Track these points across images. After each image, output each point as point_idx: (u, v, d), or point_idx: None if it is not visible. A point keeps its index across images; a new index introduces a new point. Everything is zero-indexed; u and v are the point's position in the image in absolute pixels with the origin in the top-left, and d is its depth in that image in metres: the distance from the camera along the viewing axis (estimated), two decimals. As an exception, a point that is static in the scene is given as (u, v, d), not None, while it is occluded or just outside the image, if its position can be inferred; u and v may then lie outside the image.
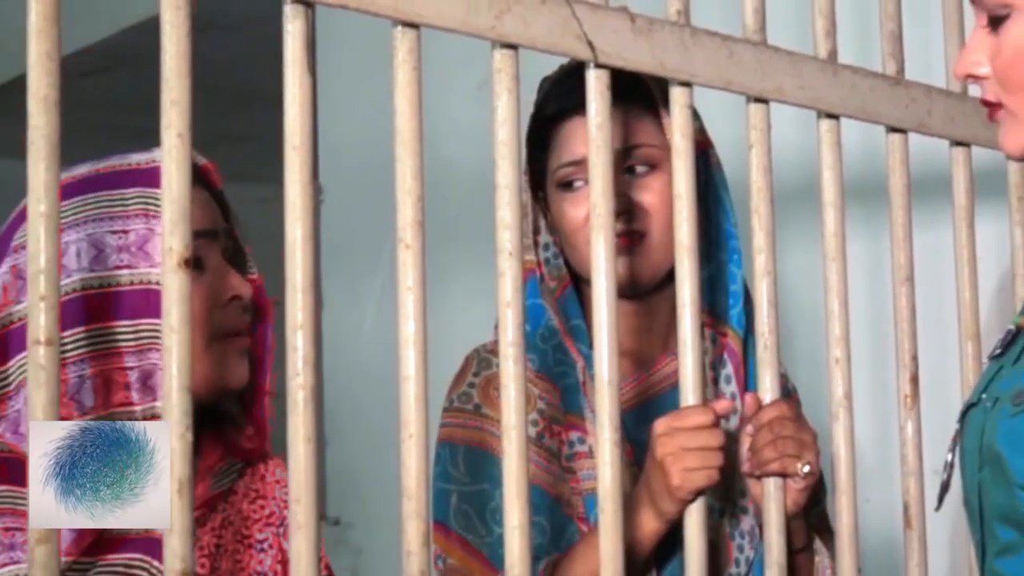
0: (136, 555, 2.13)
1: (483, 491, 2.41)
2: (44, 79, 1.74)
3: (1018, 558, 1.99)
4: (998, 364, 2.10)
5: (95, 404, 2.11)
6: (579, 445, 2.46)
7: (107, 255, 2.13)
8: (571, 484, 2.45)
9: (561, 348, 2.47)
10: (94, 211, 2.15)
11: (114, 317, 2.12)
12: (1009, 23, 1.99)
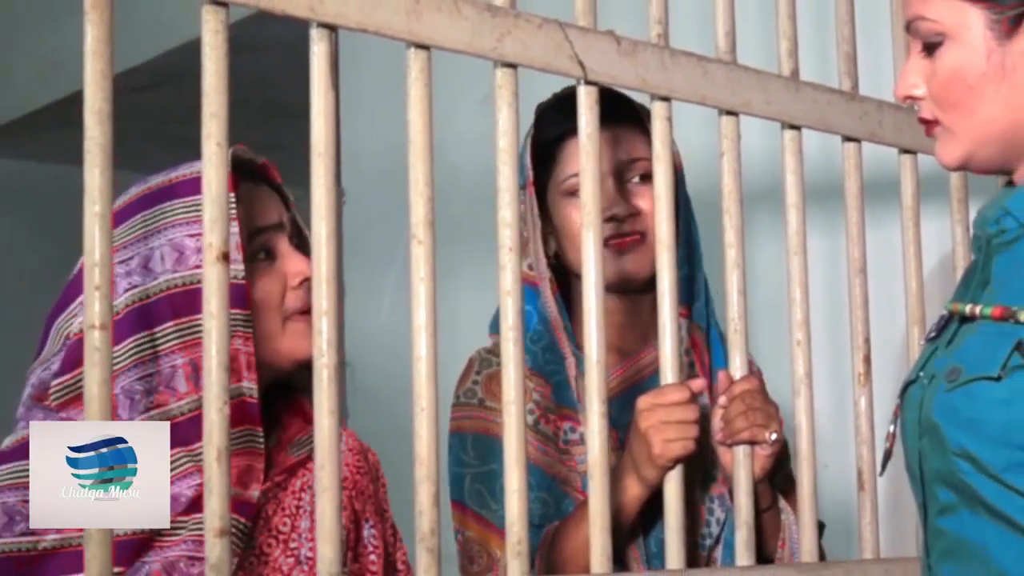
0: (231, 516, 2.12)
1: (492, 471, 2.41)
2: (99, 94, 1.74)
3: (956, 516, 1.99)
4: (933, 346, 2.10)
5: (188, 389, 2.10)
6: (571, 434, 2.47)
7: (187, 256, 2.12)
8: (568, 465, 2.45)
9: (551, 348, 2.47)
10: (173, 217, 2.14)
11: (198, 311, 2.11)
12: (942, 50, 1.99)
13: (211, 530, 1.78)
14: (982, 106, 1.97)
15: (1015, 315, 1.90)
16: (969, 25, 1.96)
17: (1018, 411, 1.88)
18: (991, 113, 1.97)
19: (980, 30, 1.96)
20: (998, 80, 1.96)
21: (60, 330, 2.15)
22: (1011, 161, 2.02)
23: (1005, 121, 1.97)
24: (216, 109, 1.81)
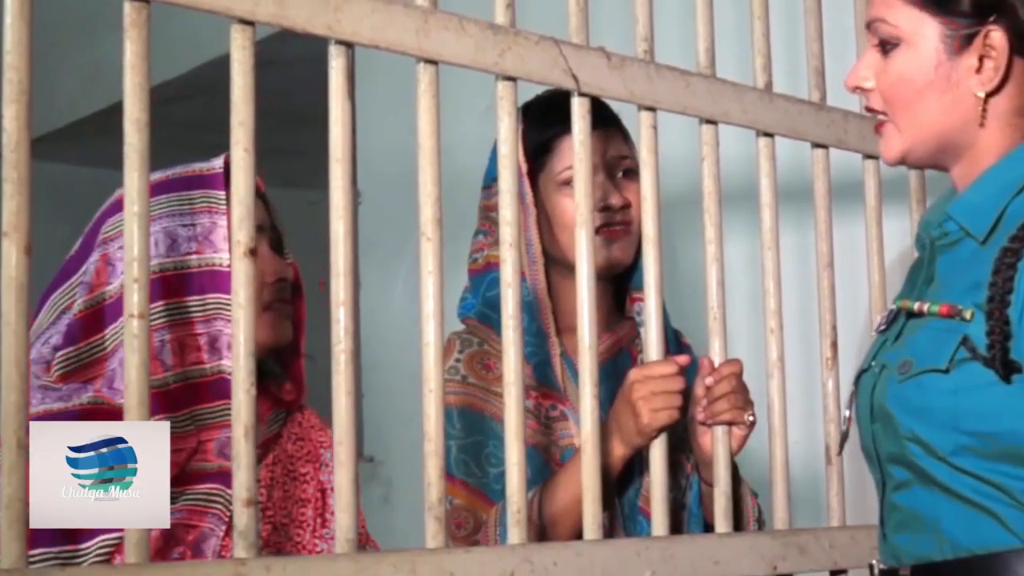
0: (215, 486, 2.13)
1: (477, 442, 2.42)
2: (137, 105, 1.74)
3: (910, 492, 2.00)
4: (883, 337, 2.11)
5: (174, 363, 2.12)
6: (553, 411, 2.48)
7: (179, 244, 2.14)
8: (550, 439, 2.45)
9: (531, 331, 2.46)
10: (167, 209, 2.16)
11: (186, 293, 2.13)
12: (897, 52, 1.99)
13: (239, 500, 1.78)
14: (924, 110, 1.99)
15: (960, 313, 1.91)
16: (924, 35, 1.97)
17: (964, 400, 1.89)
18: (931, 117, 1.99)
19: (934, 42, 1.97)
20: (942, 90, 1.97)
21: (56, 304, 2.17)
22: (944, 160, 2.04)
23: (942, 126, 1.99)
24: (243, 118, 1.82)
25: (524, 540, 2.03)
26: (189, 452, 2.11)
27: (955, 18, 1.95)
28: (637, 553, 2.15)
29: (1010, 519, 1.88)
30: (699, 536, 2.37)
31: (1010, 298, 1.84)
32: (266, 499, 2.23)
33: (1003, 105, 1.97)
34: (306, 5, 1.88)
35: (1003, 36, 1.94)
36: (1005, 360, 1.85)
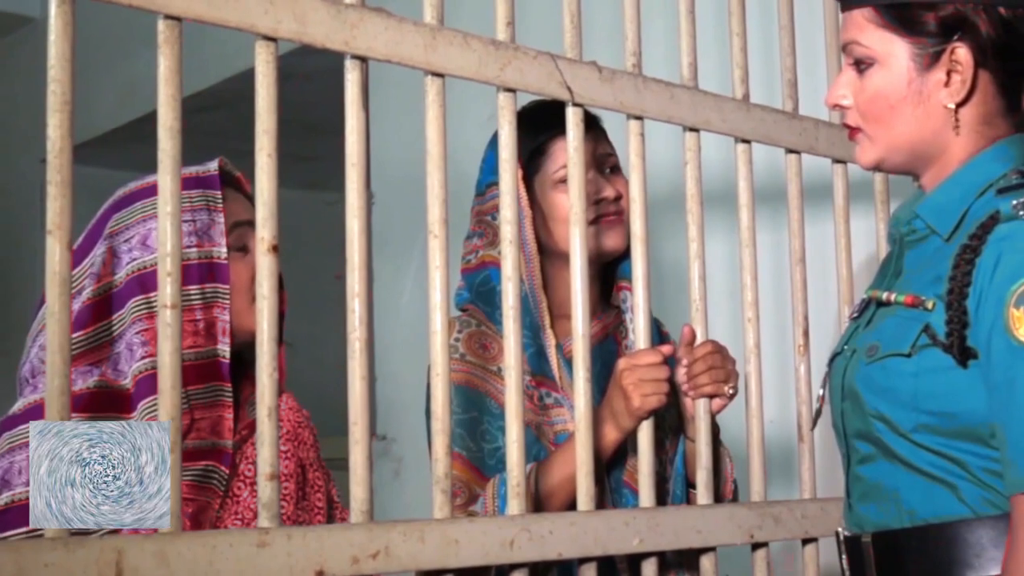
0: (210, 463, 2.13)
1: (474, 418, 2.41)
2: (170, 114, 1.74)
3: (873, 465, 2.00)
4: (855, 324, 2.11)
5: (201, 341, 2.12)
6: (547, 398, 2.47)
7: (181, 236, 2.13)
8: (545, 422, 2.45)
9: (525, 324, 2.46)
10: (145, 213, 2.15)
11: (186, 282, 2.12)
12: (871, 71, 2.00)
13: (263, 475, 1.78)
14: (899, 122, 1.99)
15: (923, 303, 1.92)
16: (896, 55, 1.97)
17: (925, 382, 1.89)
18: (905, 129, 1.99)
19: (904, 60, 1.97)
20: (914, 103, 1.97)
21: None
22: (916, 167, 2.04)
23: (915, 136, 1.99)
24: (267, 126, 1.82)
25: (523, 511, 2.04)
26: (186, 428, 2.10)
27: (923, 37, 1.96)
28: (626, 523, 2.16)
29: (964, 491, 1.89)
30: (683, 508, 2.37)
31: (968, 291, 1.85)
32: (254, 475, 2.23)
33: (971, 114, 1.97)
34: (324, 23, 1.88)
35: (968, 52, 1.94)
36: (962, 347, 1.85)
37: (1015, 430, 1.77)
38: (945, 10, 1.95)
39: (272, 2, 1.83)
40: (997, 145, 1.97)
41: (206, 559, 1.69)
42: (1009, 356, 1.78)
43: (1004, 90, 1.98)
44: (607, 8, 2.77)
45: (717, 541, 2.30)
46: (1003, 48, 1.95)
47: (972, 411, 1.85)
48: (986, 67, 1.95)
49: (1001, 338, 1.79)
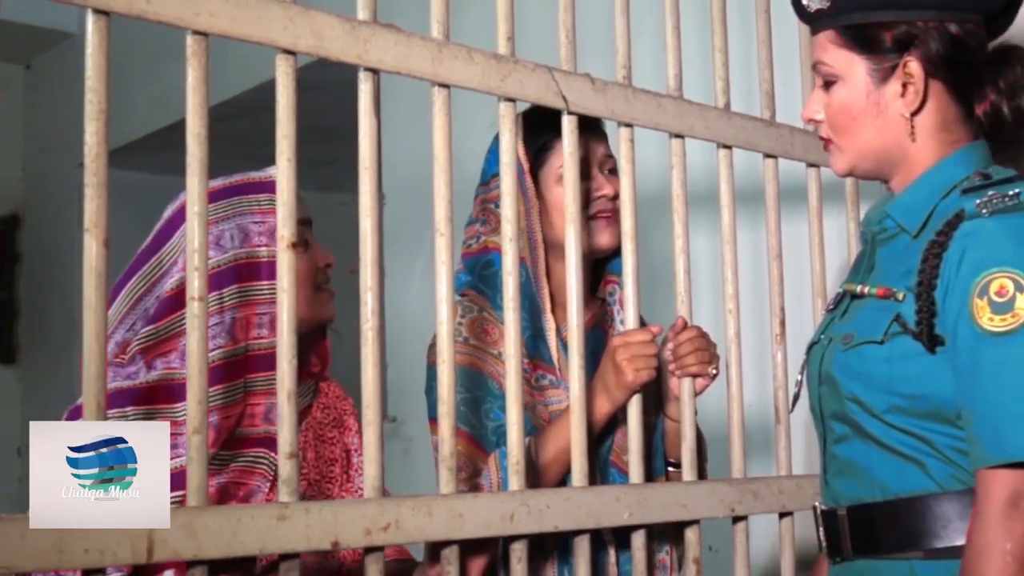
0: (261, 450, 2.13)
1: (476, 397, 2.41)
2: (197, 122, 1.74)
3: (848, 444, 2.01)
4: (831, 315, 2.12)
5: (239, 338, 2.11)
6: (543, 380, 2.47)
7: (251, 237, 2.13)
8: (541, 403, 2.45)
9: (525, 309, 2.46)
10: (239, 208, 2.15)
11: (255, 279, 2.12)
12: (835, 87, 2.03)
13: (283, 454, 1.78)
14: (862, 132, 2.01)
15: (894, 295, 1.93)
16: (855, 71, 2.00)
17: (896, 367, 1.90)
18: (868, 138, 2.01)
19: (863, 76, 1.99)
20: (874, 114, 2.00)
21: (131, 292, 2.15)
22: (885, 172, 2.06)
23: (878, 143, 2.01)
24: (287, 133, 1.82)
25: (522, 487, 2.04)
26: (237, 417, 2.10)
27: (878, 55, 1.98)
28: (617, 498, 2.16)
29: (932, 468, 1.90)
30: (669, 484, 2.37)
31: (936, 283, 1.86)
32: (302, 460, 2.23)
33: (927, 121, 1.99)
34: (339, 38, 1.88)
35: (919, 65, 1.96)
36: (931, 335, 1.86)
37: (980, 410, 1.78)
38: (897, 29, 1.98)
39: (291, 19, 1.83)
40: (960, 150, 1.99)
41: (230, 531, 1.69)
42: (973, 342, 1.79)
43: (958, 98, 2.00)
44: (599, 24, 2.77)
45: (701, 514, 2.30)
46: (952, 61, 1.97)
47: (940, 394, 1.86)
48: (938, 78, 1.97)
49: (966, 326, 1.80)
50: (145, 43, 5.85)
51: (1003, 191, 1.87)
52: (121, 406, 2.03)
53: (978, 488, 1.78)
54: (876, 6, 1.98)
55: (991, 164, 1.99)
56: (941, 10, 1.96)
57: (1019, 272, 1.78)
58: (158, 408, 2.05)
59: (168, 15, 1.72)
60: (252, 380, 2.12)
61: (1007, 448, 1.74)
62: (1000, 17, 2.03)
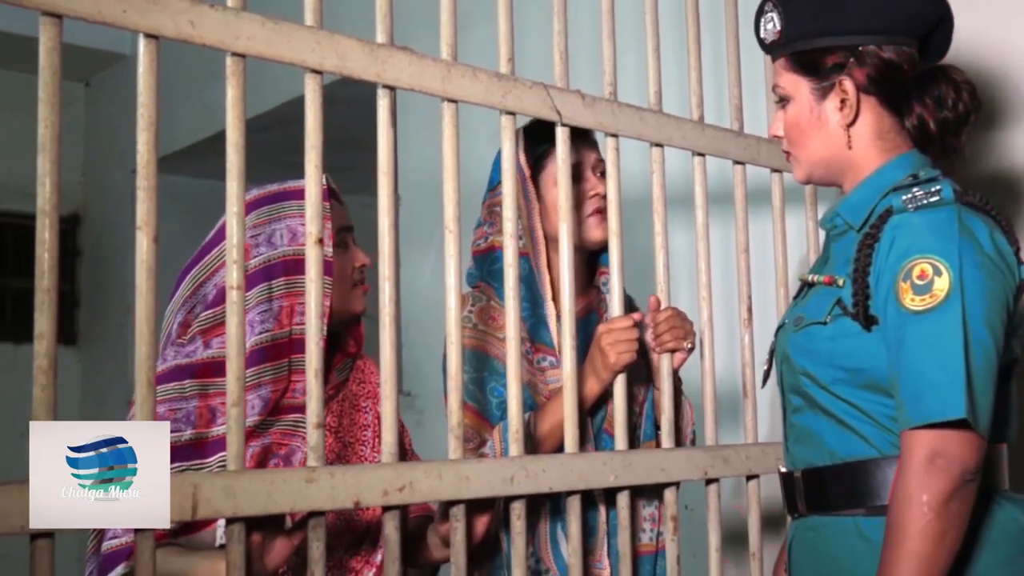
0: (300, 415, 2.13)
1: (483, 377, 2.42)
2: (236, 133, 1.74)
3: (803, 415, 2.02)
4: (795, 302, 2.14)
5: (286, 323, 2.12)
6: (544, 362, 2.47)
7: (298, 237, 2.14)
8: (540, 380, 2.46)
9: (528, 298, 2.47)
10: (289, 212, 2.16)
11: (300, 273, 2.13)
12: (789, 106, 2.07)
13: (311, 424, 1.79)
14: (810, 144, 2.05)
15: (836, 281, 1.96)
16: (801, 91, 2.04)
17: (838, 344, 1.93)
18: (816, 148, 2.05)
19: (807, 94, 2.04)
20: (817, 128, 2.03)
21: (195, 278, 2.16)
22: (836, 178, 2.08)
23: (825, 152, 2.04)
24: (314, 143, 1.82)
25: (521, 453, 2.04)
26: (281, 391, 2.11)
27: (819, 76, 2.03)
28: (604, 463, 2.16)
29: (872, 436, 1.91)
30: (649, 451, 2.37)
31: (870, 269, 1.89)
32: (337, 424, 2.24)
33: (863, 131, 2.02)
34: (361, 59, 1.88)
35: (852, 83, 2.00)
36: (866, 315, 1.89)
37: (904, 379, 1.80)
38: (835, 54, 2.02)
39: (318, 42, 1.83)
40: (899, 156, 2.02)
41: (265, 492, 1.70)
42: (899, 320, 1.82)
43: (892, 111, 2.01)
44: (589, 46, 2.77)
45: (678, 477, 2.31)
46: (882, 79, 2.00)
47: (876, 367, 1.88)
48: (870, 94, 2.01)
49: (893, 306, 1.83)
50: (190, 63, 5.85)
51: (926, 189, 1.90)
52: (180, 379, 2.05)
53: (902, 446, 1.79)
54: (815, 35, 2.02)
55: (927, 168, 2.00)
56: (872, 35, 1.99)
57: (937, 258, 1.81)
58: (212, 381, 2.06)
59: (210, 39, 1.72)
60: (296, 360, 2.13)
61: (925, 411, 1.75)
62: (932, 39, 2.05)
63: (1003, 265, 1.85)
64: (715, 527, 2.38)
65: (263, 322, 2.08)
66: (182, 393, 2.04)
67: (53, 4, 1.56)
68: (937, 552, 1.72)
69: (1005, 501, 1.90)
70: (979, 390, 1.76)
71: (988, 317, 1.79)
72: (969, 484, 1.75)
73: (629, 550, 2.25)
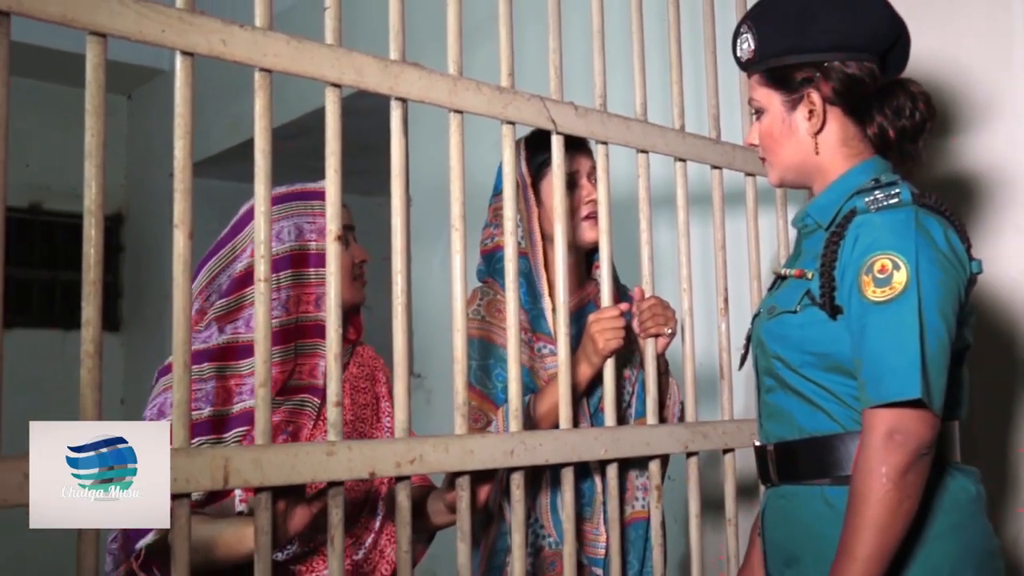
0: (306, 395, 2.14)
1: (489, 364, 2.42)
2: (263, 140, 1.74)
3: (775, 394, 2.02)
4: (769, 293, 2.13)
5: (292, 311, 2.13)
6: (544, 350, 2.47)
7: (304, 233, 2.15)
8: (540, 365, 2.46)
9: (529, 293, 2.47)
10: (296, 211, 2.17)
11: (307, 266, 2.14)
12: (763, 117, 2.07)
13: (330, 402, 1.79)
14: (782, 151, 2.05)
15: (805, 275, 1.96)
16: (773, 104, 2.04)
17: (807, 331, 1.93)
18: (787, 155, 2.04)
19: (779, 106, 2.03)
20: (788, 136, 2.03)
21: (211, 270, 2.18)
22: (807, 181, 2.08)
23: (796, 158, 2.04)
24: (334, 149, 1.82)
25: (520, 429, 2.04)
26: (288, 372, 2.12)
27: (789, 90, 2.03)
28: (595, 438, 2.16)
29: (836, 413, 1.91)
30: (636, 427, 2.37)
31: (836, 264, 1.89)
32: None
33: (829, 139, 2.02)
34: (375, 74, 1.88)
35: (818, 96, 2.00)
36: (832, 305, 1.89)
37: (866, 363, 1.81)
38: (803, 70, 2.01)
39: (337, 59, 1.83)
40: (863, 162, 2.01)
41: (289, 463, 1.70)
42: (861, 309, 1.82)
43: (856, 120, 2.01)
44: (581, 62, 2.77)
45: (661, 451, 2.31)
46: (846, 91, 2.00)
47: (840, 352, 1.88)
48: (835, 105, 2.01)
49: (856, 297, 1.84)
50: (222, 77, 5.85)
51: (887, 192, 1.91)
52: (199, 363, 2.06)
53: (864, 423, 1.80)
54: (785, 53, 2.01)
55: (888, 172, 2.01)
56: (836, 52, 1.98)
57: (896, 254, 1.81)
58: (227, 364, 2.07)
59: (240, 56, 1.72)
60: (301, 344, 2.13)
61: (885, 392, 1.76)
62: (891, 55, 2.05)
63: (956, 261, 1.86)
64: (695, 496, 2.38)
65: (273, 310, 2.09)
66: (200, 375, 2.06)
67: (99, 24, 1.56)
68: (894, 518, 1.74)
69: (956, 472, 1.91)
70: (933, 373, 1.77)
71: (942, 307, 1.80)
72: (924, 458, 1.76)
73: (617, 516, 2.25)
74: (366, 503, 2.21)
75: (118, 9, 1.59)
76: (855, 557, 1.74)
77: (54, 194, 7.40)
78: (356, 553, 2.17)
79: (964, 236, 1.93)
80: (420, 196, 4.89)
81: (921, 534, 1.83)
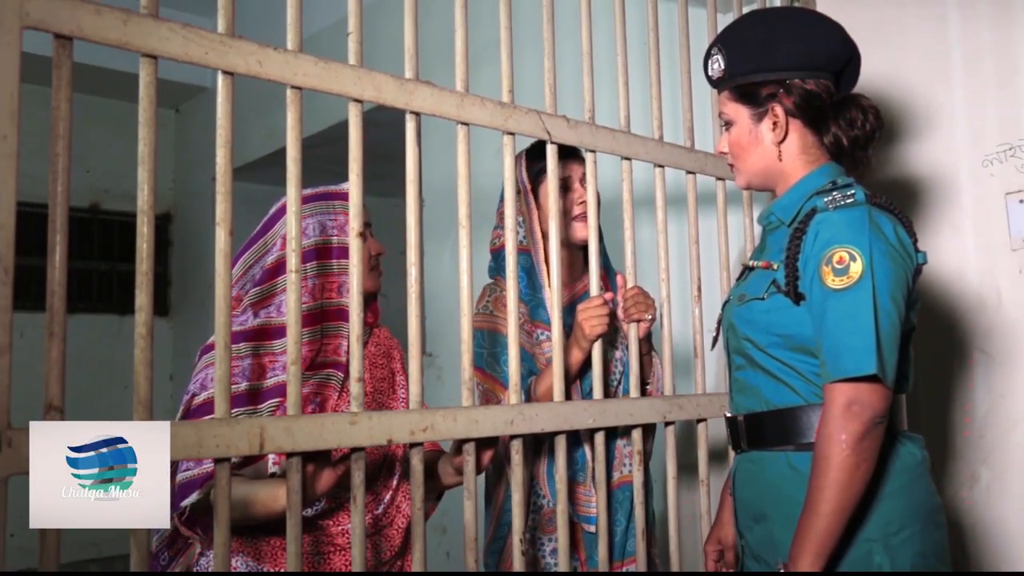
0: (331, 370, 2.13)
1: (497, 351, 2.43)
2: (294, 149, 1.73)
3: (745, 372, 2.01)
4: (737, 283, 2.13)
5: (317, 297, 2.12)
6: (542, 336, 2.47)
7: (327, 230, 2.14)
8: (538, 350, 2.45)
9: (530, 285, 2.47)
10: (320, 210, 2.16)
11: (330, 258, 2.13)
12: (732, 128, 2.06)
13: (353, 378, 1.78)
14: (749, 158, 2.03)
15: (772, 266, 1.95)
16: (741, 116, 2.03)
17: (773, 316, 1.92)
18: (753, 161, 2.03)
19: (746, 118, 2.02)
20: (754, 145, 2.02)
21: (246, 261, 2.17)
22: (771, 185, 2.07)
23: (761, 166, 2.03)
24: (356, 156, 1.81)
25: (519, 402, 2.04)
26: (316, 351, 2.11)
27: (755, 104, 2.01)
28: (584, 409, 2.16)
29: (799, 388, 1.90)
30: (620, 399, 2.37)
31: (799, 256, 1.88)
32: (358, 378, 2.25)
33: (791, 147, 2.01)
34: (392, 91, 1.87)
35: (781, 109, 1.99)
36: (795, 292, 1.89)
37: (826, 342, 1.81)
38: (767, 87, 2.00)
39: (359, 78, 1.82)
40: (821, 167, 2.01)
41: (317, 432, 1.70)
42: (822, 296, 1.82)
43: (814, 131, 2.01)
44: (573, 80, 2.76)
45: (642, 420, 2.30)
46: (806, 105, 1.99)
47: (803, 334, 1.87)
48: (796, 117, 1.99)
49: (817, 285, 1.83)
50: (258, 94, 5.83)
51: (843, 192, 1.90)
52: (236, 343, 2.05)
53: (824, 396, 1.80)
54: (752, 72, 2.00)
55: (842, 176, 2.00)
56: (797, 71, 1.97)
57: (853, 248, 1.81)
58: (261, 343, 2.07)
59: (274, 75, 1.71)
60: (327, 327, 2.13)
61: (844, 368, 1.76)
62: (844, 73, 2.04)
63: (904, 253, 1.86)
64: (672, 460, 2.38)
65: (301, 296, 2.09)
66: (238, 353, 2.05)
67: (151, 48, 1.56)
68: (852, 479, 1.74)
69: (905, 439, 1.91)
70: (886, 351, 1.77)
71: (893, 293, 1.80)
72: (878, 426, 1.76)
73: (604, 478, 2.25)
74: (384, 465, 2.21)
75: (167, 35, 1.58)
76: (819, 513, 1.75)
77: (111, 196, 7.42)
78: (376, 508, 2.18)
79: (911, 231, 1.93)
80: (432, 198, 4.88)
81: (876, 492, 1.83)
